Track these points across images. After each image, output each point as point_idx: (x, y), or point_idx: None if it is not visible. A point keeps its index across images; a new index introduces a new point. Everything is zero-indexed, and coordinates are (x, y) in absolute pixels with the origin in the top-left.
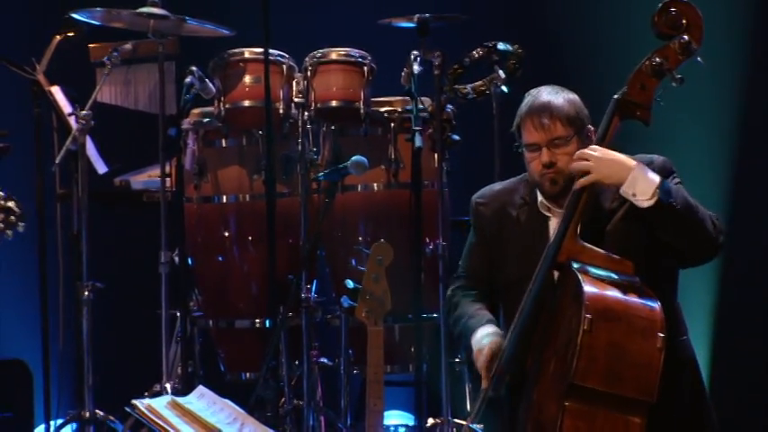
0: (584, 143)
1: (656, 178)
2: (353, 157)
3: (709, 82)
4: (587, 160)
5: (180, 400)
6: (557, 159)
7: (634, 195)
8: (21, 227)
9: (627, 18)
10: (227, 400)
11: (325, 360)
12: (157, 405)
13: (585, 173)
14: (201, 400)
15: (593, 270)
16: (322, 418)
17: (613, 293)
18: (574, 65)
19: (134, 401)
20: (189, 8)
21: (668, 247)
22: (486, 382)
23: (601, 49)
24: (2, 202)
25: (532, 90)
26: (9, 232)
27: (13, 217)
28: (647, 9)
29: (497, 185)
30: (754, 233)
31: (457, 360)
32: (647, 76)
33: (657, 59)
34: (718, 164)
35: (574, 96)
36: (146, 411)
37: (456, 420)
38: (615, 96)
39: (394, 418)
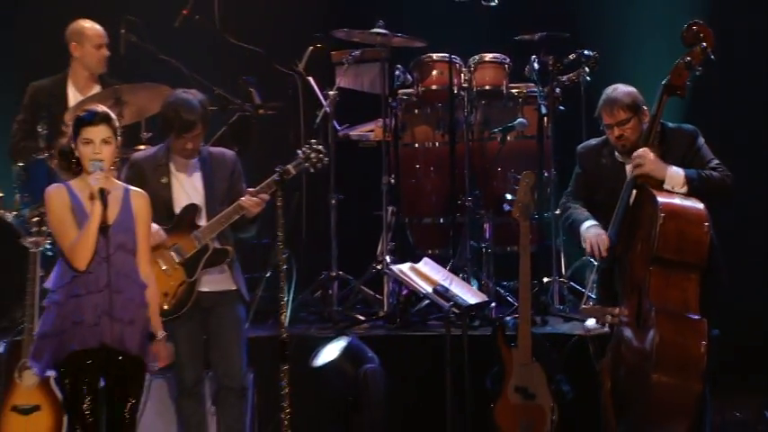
0: (641, 119)
1: (680, 173)
2: (518, 119)
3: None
4: (643, 163)
5: (416, 265)
6: (623, 132)
7: (673, 187)
8: (326, 161)
9: (667, 36)
10: (440, 267)
11: (474, 243)
12: (404, 268)
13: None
14: (427, 266)
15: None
16: (475, 280)
17: (676, 199)
18: (635, 63)
19: (391, 266)
20: (397, 26)
21: None
22: (601, 259)
23: (648, 52)
24: (315, 146)
25: (608, 88)
26: (319, 165)
27: (321, 155)
28: (678, 28)
29: (593, 141)
30: None
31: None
32: (682, 69)
33: (687, 59)
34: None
35: (632, 89)
36: (397, 272)
37: (560, 279)
38: (663, 82)
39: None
